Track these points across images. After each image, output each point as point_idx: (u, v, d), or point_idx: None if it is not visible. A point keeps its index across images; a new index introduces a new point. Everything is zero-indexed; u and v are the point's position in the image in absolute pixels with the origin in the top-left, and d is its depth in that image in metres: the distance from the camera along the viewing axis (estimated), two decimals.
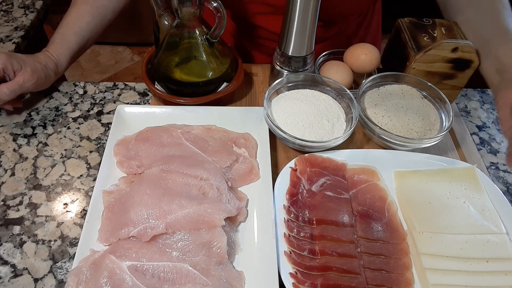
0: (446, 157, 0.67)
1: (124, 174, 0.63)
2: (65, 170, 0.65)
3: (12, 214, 0.60)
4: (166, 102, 0.72)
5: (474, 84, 0.78)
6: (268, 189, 0.59)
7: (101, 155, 0.67)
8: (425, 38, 0.70)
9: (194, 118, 0.69)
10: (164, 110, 0.70)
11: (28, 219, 0.59)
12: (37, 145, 0.68)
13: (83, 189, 0.63)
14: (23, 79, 0.67)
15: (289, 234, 0.56)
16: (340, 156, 0.65)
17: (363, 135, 0.72)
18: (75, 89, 0.78)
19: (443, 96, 0.69)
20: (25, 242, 0.57)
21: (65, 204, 0.61)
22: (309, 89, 0.72)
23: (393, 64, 0.76)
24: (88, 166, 0.66)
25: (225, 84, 0.73)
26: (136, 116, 0.69)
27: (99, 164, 0.63)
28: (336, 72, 0.72)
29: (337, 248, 0.55)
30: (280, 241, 0.55)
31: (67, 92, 0.77)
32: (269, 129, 0.66)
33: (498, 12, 0.68)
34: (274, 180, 0.61)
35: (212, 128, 0.68)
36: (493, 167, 0.70)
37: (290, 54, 0.70)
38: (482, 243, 0.56)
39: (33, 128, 0.71)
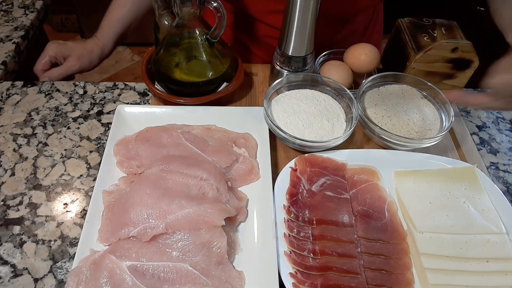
0: (446, 157, 0.67)
1: (124, 174, 0.63)
2: (65, 170, 0.65)
3: (12, 214, 0.60)
4: (166, 102, 0.72)
5: (474, 84, 0.78)
6: (268, 189, 0.59)
7: (101, 155, 0.67)
8: (425, 38, 0.70)
9: (194, 118, 0.69)
10: (164, 110, 0.70)
11: (28, 219, 0.59)
12: (37, 145, 0.68)
13: (83, 189, 0.63)
14: (68, 66, 0.82)
15: (289, 234, 0.56)
16: (340, 156, 0.65)
17: (363, 135, 0.72)
18: (75, 89, 0.78)
19: (443, 96, 0.69)
20: (25, 242, 0.57)
21: (65, 204, 0.61)
22: (309, 89, 0.73)
23: (393, 64, 0.76)
24: (88, 166, 0.66)
25: (225, 84, 0.73)
26: (136, 116, 0.69)
27: (99, 164, 0.63)
28: (336, 72, 0.72)
29: (337, 248, 0.55)
30: (280, 241, 0.55)
31: (67, 92, 0.77)
32: (269, 129, 0.66)
33: None
34: (274, 180, 0.61)
35: (212, 128, 0.68)
36: (493, 167, 0.70)
37: (290, 54, 0.70)
38: (482, 243, 0.56)
39: (33, 128, 0.71)
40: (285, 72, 0.73)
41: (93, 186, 0.59)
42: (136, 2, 0.87)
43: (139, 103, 0.76)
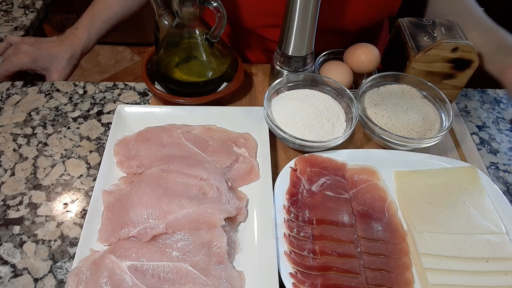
0: (446, 157, 0.67)
1: (124, 174, 0.63)
2: (65, 170, 0.65)
3: (12, 214, 0.60)
4: (166, 102, 0.72)
5: (474, 84, 0.78)
6: (268, 189, 0.59)
7: (101, 155, 0.67)
8: (425, 38, 0.70)
9: (194, 118, 0.69)
10: (164, 110, 0.70)
11: (28, 219, 0.59)
12: (37, 145, 0.68)
13: (83, 189, 0.63)
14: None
15: (289, 234, 0.56)
16: (340, 156, 0.65)
17: (363, 135, 0.72)
18: (75, 89, 0.78)
19: (443, 96, 0.69)
20: (25, 242, 0.57)
21: (65, 204, 0.61)
22: (309, 89, 0.72)
23: (393, 64, 0.76)
24: (88, 166, 0.66)
25: (225, 84, 0.73)
26: (136, 116, 0.69)
27: (99, 164, 0.63)
28: (336, 72, 0.72)
29: (337, 248, 0.55)
30: (280, 241, 0.55)
31: (67, 92, 0.77)
32: (269, 129, 0.66)
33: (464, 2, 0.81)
34: (274, 180, 0.61)
35: (212, 128, 0.68)
36: (493, 167, 0.70)
37: (290, 54, 0.70)
38: (482, 243, 0.56)
39: (33, 128, 0.71)
40: (285, 72, 0.73)
41: (93, 186, 0.59)
42: (125, 6, 0.84)
43: (139, 103, 0.76)
